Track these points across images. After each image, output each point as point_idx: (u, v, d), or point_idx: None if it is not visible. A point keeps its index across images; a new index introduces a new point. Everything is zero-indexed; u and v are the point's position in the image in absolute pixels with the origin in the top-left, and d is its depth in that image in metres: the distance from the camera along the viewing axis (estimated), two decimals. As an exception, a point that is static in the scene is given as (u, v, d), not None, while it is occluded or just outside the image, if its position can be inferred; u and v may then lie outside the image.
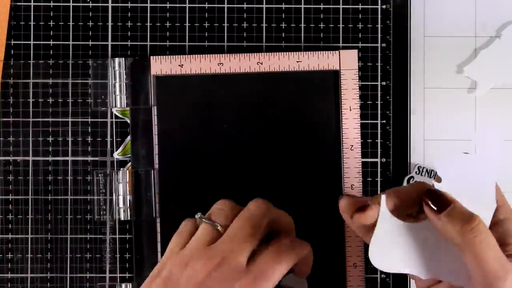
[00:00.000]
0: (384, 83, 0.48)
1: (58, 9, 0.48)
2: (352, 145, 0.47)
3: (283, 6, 0.48)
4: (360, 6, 0.48)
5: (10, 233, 0.48)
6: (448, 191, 0.35)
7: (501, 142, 0.38)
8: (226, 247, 0.37)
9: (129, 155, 0.47)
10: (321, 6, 0.48)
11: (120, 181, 0.47)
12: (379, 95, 0.48)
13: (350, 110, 0.47)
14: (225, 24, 0.48)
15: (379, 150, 0.48)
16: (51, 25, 0.48)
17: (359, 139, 0.47)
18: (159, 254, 0.47)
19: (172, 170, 0.47)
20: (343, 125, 0.47)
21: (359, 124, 0.47)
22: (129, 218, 0.47)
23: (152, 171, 0.47)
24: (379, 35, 0.48)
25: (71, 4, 0.48)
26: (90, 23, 0.48)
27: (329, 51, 0.47)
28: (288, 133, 0.47)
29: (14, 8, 0.48)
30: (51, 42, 0.48)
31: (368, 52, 0.48)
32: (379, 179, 0.48)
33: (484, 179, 0.37)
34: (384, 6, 0.48)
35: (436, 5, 0.48)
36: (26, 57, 0.48)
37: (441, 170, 0.36)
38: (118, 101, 0.47)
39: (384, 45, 0.48)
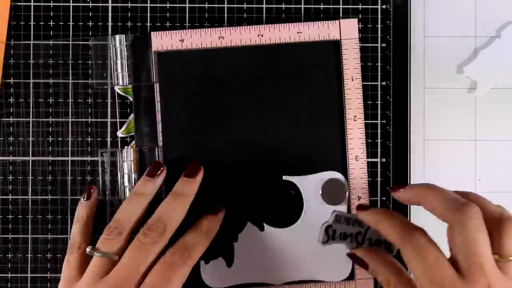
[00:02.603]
0: (384, 83, 0.48)
1: (58, 9, 0.48)
2: (355, 116, 0.47)
3: None
4: (360, 6, 0.48)
5: (10, 233, 0.48)
6: None
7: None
8: (118, 277, 0.39)
9: (133, 133, 0.47)
10: (321, 6, 0.48)
11: (125, 159, 0.47)
12: (379, 95, 0.48)
13: (352, 80, 0.47)
14: None
15: (379, 150, 0.48)
16: (51, 25, 0.48)
17: (362, 109, 0.47)
18: None
19: (176, 146, 0.47)
20: (345, 95, 0.47)
21: (361, 94, 0.47)
22: None
23: (156, 148, 0.47)
24: (379, 35, 0.48)
25: (71, 4, 0.48)
26: (90, 23, 0.48)
27: (329, 21, 0.47)
28: (291, 105, 0.47)
29: (14, 8, 0.48)
30: (51, 42, 0.48)
31: (368, 52, 0.48)
32: (379, 179, 0.48)
33: None
34: (384, 6, 0.48)
35: (436, 5, 0.48)
36: (26, 57, 0.48)
37: None
38: (120, 79, 0.47)
39: (384, 45, 0.48)
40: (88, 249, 0.42)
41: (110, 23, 0.48)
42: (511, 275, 0.36)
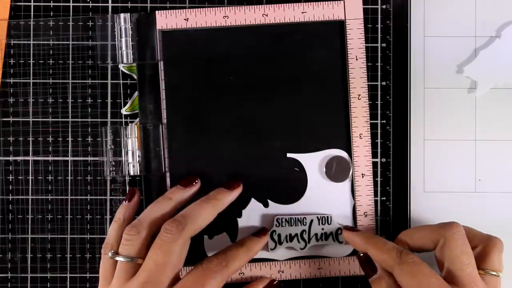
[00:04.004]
0: (384, 83, 0.48)
1: (58, 9, 0.48)
2: (359, 95, 0.47)
3: None
4: (360, 6, 0.48)
5: (10, 233, 0.48)
6: None
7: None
8: (146, 281, 0.40)
9: (137, 111, 0.47)
10: (321, 6, 0.48)
11: (129, 136, 0.47)
12: (379, 95, 0.48)
13: (356, 59, 0.47)
14: None
15: (379, 150, 0.48)
16: (51, 25, 0.48)
17: (366, 88, 0.47)
18: None
19: (180, 124, 0.47)
20: (349, 75, 0.47)
21: (366, 74, 0.47)
22: (138, 174, 0.47)
23: (160, 125, 0.47)
24: (379, 35, 0.48)
25: (71, 4, 0.48)
26: (90, 23, 0.48)
27: (334, 1, 0.47)
28: (295, 85, 0.47)
29: (14, 8, 0.48)
30: (51, 42, 0.48)
31: (368, 52, 0.48)
32: (379, 179, 0.48)
33: None
34: (384, 6, 0.48)
35: (436, 5, 0.48)
36: (26, 57, 0.48)
37: None
38: (125, 57, 0.47)
39: (384, 45, 0.48)
40: (110, 254, 0.42)
41: (109, 23, 0.48)
42: None
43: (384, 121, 0.48)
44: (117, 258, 0.41)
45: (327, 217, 0.47)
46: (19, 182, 0.48)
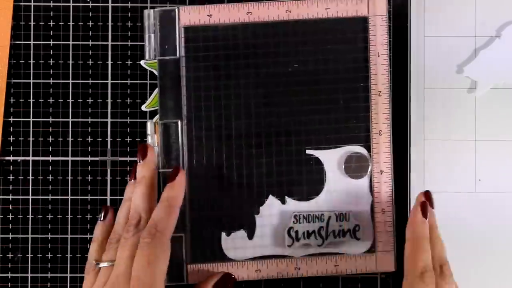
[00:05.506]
0: (384, 83, 0.48)
1: (58, 9, 0.48)
2: (380, 91, 0.47)
3: None
4: (360, 6, 0.48)
5: (10, 233, 0.48)
6: None
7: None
8: (112, 278, 0.41)
9: (157, 108, 0.47)
10: (321, 6, 0.48)
11: (149, 132, 0.47)
12: (379, 95, 0.48)
13: (378, 56, 0.47)
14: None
15: (379, 150, 0.48)
16: (51, 25, 0.48)
17: (388, 84, 0.47)
18: (187, 206, 0.47)
19: (200, 120, 0.47)
20: (371, 71, 0.47)
21: (388, 70, 0.47)
22: (158, 170, 0.47)
23: (180, 122, 0.47)
24: (379, 35, 0.48)
25: (71, 4, 0.48)
26: (90, 23, 0.48)
27: None
28: (315, 81, 0.47)
29: (14, 8, 0.48)
30: (51, 42, 0.48)
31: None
32: (379, 179, 0.48)
33: None
34: (384, 6, 0.48)
35: (436, 5, 0.48)
36: (26, 57, 0.48)
37: None
38: (146, 53, 0.47)
39: (384, 45, 0.48)
40: (93, 262, 0.43)
41: (110, 23, 0.48)
42: None
43: (384, 121, 0.48)
44: (99, 265, 0.42)
45: (345, 213, 0.47)
46: (19, 182, 0.48)
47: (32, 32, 0.48)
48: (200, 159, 0.47)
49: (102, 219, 0.46)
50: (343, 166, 0.47)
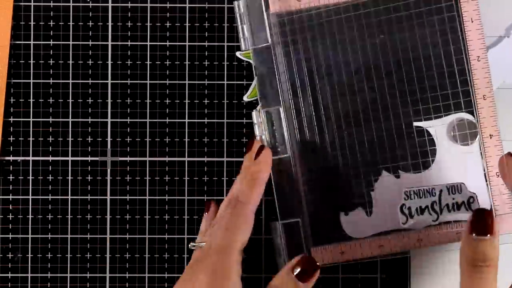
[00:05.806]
0: (385, 82, 0.48)
1: (58, 9, 0.48)
2: (479, 56, 0.46)
3: None
4: (360, 6, 0.48)
5: (10, 233, 0.48)
6: None
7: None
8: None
9: (257, 97, 0.47)
10: (322, 6, 0.48)
11: (255, 122, 0.47)
12: (379, 95, 0.48)
13: (472, 22, 0.46)
14: None
15: (379, 150, 0.48)
16: (51, 25, 0.48)
17: (485, 49, 0.46)
18: (302, 190, 0.47)
19: (300, 105, 0.47)
20: (466, 37, 0.46)
21: (483, 35, 0.46)
22: None
23: (282, 108, 0.47)
24: (380, 35, 0.48)
25: (71, 4, 0.48)
26: (90, 23, 0.48)
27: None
28: (415, 56, 0.47)
29: (14, 8, 0.48)
30: (51, 42, 0.48)
31: (368, 51, 0.48)
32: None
33: None
34: (385, 6, 0.48)
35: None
36: (26, 57, 0.48)
37: None
38: (243, 44, 0.47)
39: (385, 44, 0.48)
40: (190, 245, 0.43)
41: (110, 23, 0.48)
42: None
43: (385, 121, 0.48)
44: (194, 247, 0.43)
45: (458, 185, 0.46)
46: (19, 182, 0.48)
47: (32, 32, 0.48)
48: (306, 143, 0.47)
49: (206, 212, 0.46)
50: (452, 134, 0.46)
